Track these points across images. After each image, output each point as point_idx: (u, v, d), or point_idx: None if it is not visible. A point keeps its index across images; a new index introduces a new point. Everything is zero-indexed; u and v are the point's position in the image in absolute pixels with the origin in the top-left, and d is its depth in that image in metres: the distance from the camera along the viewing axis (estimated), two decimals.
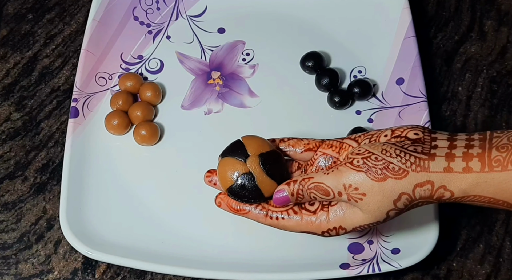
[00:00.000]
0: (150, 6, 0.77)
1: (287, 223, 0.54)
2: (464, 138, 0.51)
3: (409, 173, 0.49)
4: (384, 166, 0.50)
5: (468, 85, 0.75)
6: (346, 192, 0.51)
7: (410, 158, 0.50)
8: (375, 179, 0.50)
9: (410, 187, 0.49)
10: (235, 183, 0.54)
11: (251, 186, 0.54)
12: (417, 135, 0.51)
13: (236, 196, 0.55)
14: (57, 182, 0.68)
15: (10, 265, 0.64)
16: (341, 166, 0.51)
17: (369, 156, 0.50)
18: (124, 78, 0.72)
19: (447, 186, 0.49)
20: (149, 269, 0.61)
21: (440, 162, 0.49)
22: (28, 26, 0.78)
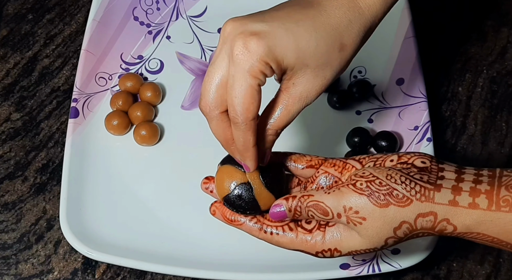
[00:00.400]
0: (150, 6, 0.77)
1: (281, 239, 0.53)
2: (472, 173, 0.49)
3: (413, 201, 0.47)
4: (388, 192, 0.48)
5: (468, 86, 0.75)
6: (346, 214, 0.49)
7: (415, 186, 0.48)
8: (377, 204, 0.48)
9: (412, 216, 0.48)
10: (232, 192, 0.52)
11: (248, 196, 0.52)
12: (424, 164, 0.50)
13: (232, 206, 0.53)
14: (57, 182, 0.68)
15: (10, 265, 0.64)
16: (343, 187, 0.50)
17: (373, 180, 0.49)
18: (124, 78, 0.72)
19: (450, 219, 0.48)
20: (149, 269, 0.61)
21: (446, 194, 0.48)
22: (28, 26, 0.78)
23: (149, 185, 0.67)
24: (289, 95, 0.51)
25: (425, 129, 0.68)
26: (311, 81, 0.50)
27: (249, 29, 0.48)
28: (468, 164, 0.69)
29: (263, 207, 0.53)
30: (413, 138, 0.68)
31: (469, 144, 0.71)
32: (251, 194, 0.52)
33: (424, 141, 0.67)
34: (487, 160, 0.70)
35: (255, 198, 0.52)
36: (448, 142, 0.71)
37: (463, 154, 0.71)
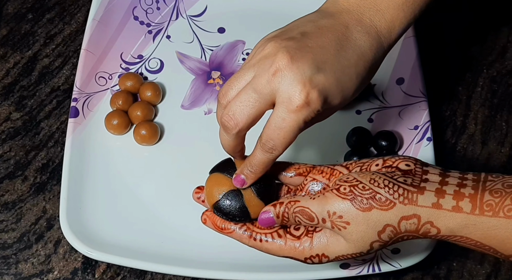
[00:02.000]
0: (150, 5, 0.77)
1: (270, 246, 0.53)
2: (457, 176, 0.49)
3: (396, 204, 0.48)
4: (371, 196, 0.48)
5: (468, 85, 0.75)
6: (330, 219, 0.49)
7: (398, 189, 0.48)
8: (360, 209, 0.48)
9: (396, 219, 0.48)
10: (221, 199, 0.52)
11: (238, 204, 0.52)
12: (408, 167, 0.50)
13: (222, 213, 0.53)
14: (57, 182, 0.68)
15: (10, 265, 0.64)
16: (328, 192, 0.50)
17: (357, 184, 0.49)
18: (124, 78, 0.72)
19: (434, 222, 0.48)
20: (149, 269, 0.61)
21: (429, 196, 0.48)
22: (28, 26, 0.78)
23: (149, 185, 0.67)
24: None
25: (425, 129, 0.68)
26: (324, 115, 0.54)
27: (309, 80, 0.49)
28: (468, 164, 0.70)
29: (253, 214, 0.53)
30: (413, 138, 0.68)
31: (469, 144, 0.71)
32: (241, 201, 0.52)
33: (424, 140, 0.67)
34: (487, 159, 0.70)
35: (245, 204, 0.52)
36: (448, 142, 0.71)
37: (463, 154, 0.71)
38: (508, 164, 0.70)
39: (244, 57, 0.75)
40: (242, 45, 0.76)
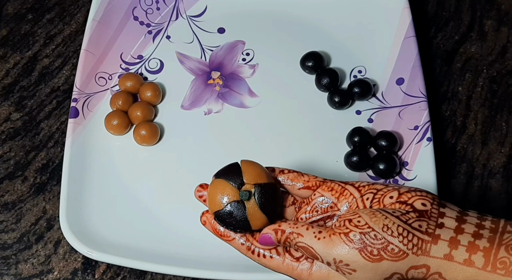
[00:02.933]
0: (150, 6, 0.77)
1: (267, 261, 0.51)
2: (474, 223, 0.47)
3: (409, 256, 0.46)
4: (383, 247, 0.46)
5: (468, 85, 0.75)
6: (336, 265, 0.47)
7: (413, 239, 0.46)
8: (369, 260, 0.46)
9: (405, 268, 0.46)
10: (223, 208, 0.50)
11: (240, 215, 0.50)
12: (424, 207, 0.47)
13: (222, 222, 0.51)
14: (57, 182, 0.68)
15: (10, 265, 0.64)
16: (335, 235, 0.47)
17: (368, 232, 0.46)
18: (124, 78, 0.72)
19: (443, 273, 0.46)
20: (149, 269, 0.61)
21: (443, 247, 0.46)
22: (28, 26, 0.78)
23: (149, 185, 0.67)
24: None
25: (425, 129, 0.68)
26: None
27: None
28: (468, 164, 0.70)
29: (254, 227, 0.51)
30: (413, 138, 0.68)
31: (469, 144, 0.71)
32: (243, 213, 0.50)
33: (424, 140, 0.67)
34: (487, 159, 0.70)
35: (247, 217, 0.51)
36: (448, 142, 0.71)
37: (463, 154, 0.71)
38: (508, 164, 0.70)
39: (244, 57, 0.75)
40: (242, 45, 0.76)
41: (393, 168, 0.66)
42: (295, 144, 0.69)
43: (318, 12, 0.77)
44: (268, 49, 0.75)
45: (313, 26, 0.77)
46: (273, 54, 0.75)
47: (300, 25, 0.77)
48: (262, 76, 0.74)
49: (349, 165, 0.67)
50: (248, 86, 0.73)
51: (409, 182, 0.66)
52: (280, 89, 0.73)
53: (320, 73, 0.72)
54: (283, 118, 0.71)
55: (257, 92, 0.73)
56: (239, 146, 0.69)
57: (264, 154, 0.69)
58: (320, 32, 0.76)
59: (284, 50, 0.75)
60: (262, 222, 0.51)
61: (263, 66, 0.74)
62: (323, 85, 0.72)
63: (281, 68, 0.74)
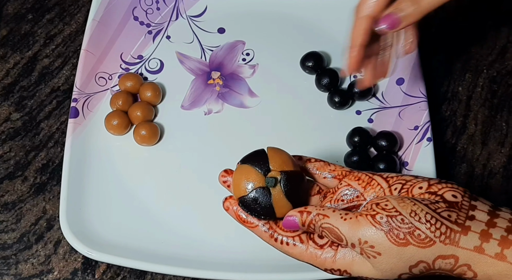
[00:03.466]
0: (150, 6, 0.77)
1: (290, 249, 0.50)
2: (507, 218, 0.45)
3: (436, 243, 0.44)
4: (409, 231, 0.45)
5: (468, 85, 0.75)
6: (360, 246, 0.46)
7: (441, 227, 0.45)
8: (395, 243, 0.45)
9: (432, 257, 0.45)
10: (248, 194, 0.50)
11: (265, 202, 0.50)
12: (455, 198, 0.46)
13: (246, 208, 0.50)
14: (57, 182, 0.68)
15: (10, 265, 0.64)
16: (361, 217, 0.46)
17: (395, 216, 0.45)
18: (124, 78, 0.72)
19: (472, 266, 0.45)
20: (149, 269, 0.61)
21: (473, 238, 0.44)
22: (28, 26, 0.78)
23: (149, 185, 0.67)
24: None
25: (425, 129, 0.68)
26: None
27: None
28: (468, 164, 0.70)
29: (279, 214, 0.50)
30: (413, 138, 0.68)
31: (469, 144, 0.71)
32: (268, 200, 0.50)
33: (424, 140, 0.67)
34: (487, 159, 0.70)
35: (272, 204, 0.50)
36: (448, 142, 0.71)
37: (463, 154, 0.71)
38: (508, 164, 0.70)
39: (244, 58, 0.75)
40: (242, 45, 0.76)
41: (393, 168, 0.66)
42: (295, 144, 0.69)
43: (318, 12, 0.77)
44: (268, 49, 0.75)
45: (313, 26, 0.77)
46: (273, 54, 0.75)
47: (300, 25, 0.77)
48: (262, 76, 0.74)
49: (349, 165, 0.67)
50: (248, 86, 0.73)
51: None
52: (280, 89, 0.73)
53: (320, 73, 0.72)
54: (283, 119, 0.71)
55: (257, 92, 0.73)
56: (239, 146, 0.69)
57: None
58: (320, 32, 0.76)
59: (284, 50, 0.75)
60: (287, 209, 0.50)
61: (263, 66, 0.74)
62: (323, 85, 0.72)
63: (281, 68, 0.74)
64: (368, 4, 0.55)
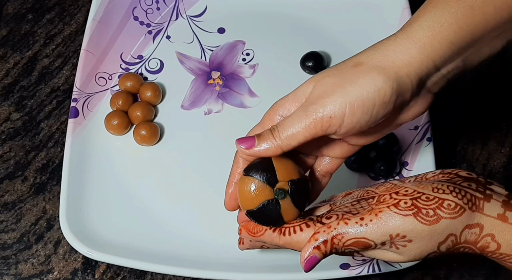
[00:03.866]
0: (150, 6, 0.77)
1: (298, 237, 0.48)
2: None
3: (466, 211, 0.44)
4: (438, 205, 0.43)
5: (468, 85, 0.75)
6: (391, 241, 0.44)
7: (466, 194, 0.44)
8: (426, 223, 0.43)
9: (460, 228, 0.44)
10: (258, 207, 0.49)
11: (275, 213, 0.49)
12: (470, 175, 0.46)
13: (255, 219, 0.50)
14: (57, 182, 0.68)
15: (10, 265, 0.64)
16: (382, 212, 0.44)
17: (419, 196, 0.44)
18: (124, 78, 0.72)
19: (496, 236, 0.44)
20: (149, 269, 0.61)
21: (496, 206, 0.44)
22: (28, 26, 0.78)
23: (149, 185, 0.67)
24: None
25: (425, 129, 0.68)
26: None
27: None
28: (468, 164, 0.70)
29: (287, 221, 0.50)
30: (413, 138, 0.68)
31: (469, 144, 0.71)
32: (278, 211, 0.49)
33: (424, 140, 0.67)
34: (487, 159, 0.70)
35: (281, 214, 0.49)
36: (448, 142, 0.71)
37: (463, 154, 0.71)
38: (508, 164, 0.70)
39: (244, 58, 0.75)
40: (242, 45, 0.76)
41: (393, 168, 0.66)
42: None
43: (318, 12, 0.77)
44: (268, 49, 0.75)
45: (313, 26, 0.77)
46: (273, 54, 0.75)
47: (300, 25, 0.77)
48: (262, 76, 0.74)
49: (349, 165, 0.67)
50: (248, 86, 0.73)
51: None
52: (280, 89, 0.72)
53: None
54: None
55: (257, 92, 0.73)
56: None
57: None
58: (320, 32, 0.76)
59: (284, 50, 0.75)
60: (294, 215, 0.50)
61: (263, 66, 0.74)
62: None
63: (281, 68, 0.74)
64: None
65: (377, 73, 0.46)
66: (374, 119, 0.47)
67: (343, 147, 0.52)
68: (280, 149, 0.48)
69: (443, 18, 0.47)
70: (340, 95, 0.46)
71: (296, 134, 0.47)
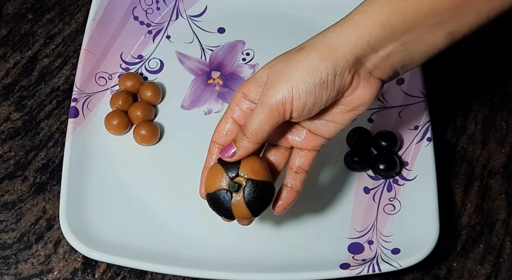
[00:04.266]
0: (150, 6, 0.77)
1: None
2: None
3: None
4: None
5: (468, 85, 0.75)
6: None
7: None
8: None
9: None
10: (213, 192, 0.53)
11: (225, 203, 0.53)
12: None
13: (209, 203, 0.54)
14: (57, 182, 0.68)
15: (10, 265, 0.64)
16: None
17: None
18: (124, 78, 0.72)
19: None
20: (149, 269, 0.61)
21: None
22: (28, 26, 0.78)
23: (149, 185, 0.67)
24: None
25: (425, 129, 0.68)
26: None
27: None
28: (468, 164, 0.70)
29: (237, 217, 0.54)
30: (413, 138, 0.68)
31: (469, 144, 0.71)
32: (228, 202, 0.53)
33: (424, 140, 0.67)
34: (487, 159, 0.70)
35: (231, 208, 0.53)
36: (448, 142, 0.71)
37: (463, 154, 0.71)
38: (508, 164, 0.70)
39: (244, 57, 0.75)
40: (242, 45, 0.76)
41: (393, 168, 0.66)
42: None
43: (318, 12, 0.77)
44: (268, 49, 0.75)
45: (313, 26, 0.76)
46: (273, 54, 0.74)
47: (300, 25, 0.77)
48: None
49: (349, 165, 0.67)
50: None
51: (409, 182, 0.66)
52: None
53: None
54: None
55: None
56: None
57: None
58: None
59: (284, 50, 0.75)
60: (245, 215, 0.53)
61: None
62: None
63: None
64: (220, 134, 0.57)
65: (314, 55, 0.51)
66: (320, 101, 0.51)
67: (313, 139, 0.56)
68: (256, 144, 0.53)
69: (377, 3, 0.50)
70: (286, 81, 0.51)
71: (262, 126, 0.52)
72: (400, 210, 0.65)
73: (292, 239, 0.64)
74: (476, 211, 0.67)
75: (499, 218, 0.67)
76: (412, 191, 0.65)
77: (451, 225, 0.66)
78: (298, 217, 0.65)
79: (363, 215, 0.65)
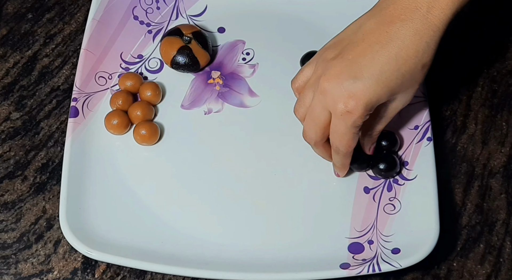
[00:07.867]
0: (150, 5, 0.77)
1: None
2: None
3: None
4: None
5: (468, 85, 0.75)
6: None
7: None
8: None
9: None
10: (176, 55, 0.70)
11: (189, 55, 0.70)
12: None
13: (178, 66, 0.71)
14: (57, 182, 0.68)
15: (9, 265, 0.64)
16: None
17: None
18: (124, 77, 0.72)
19: None
20: (149, 269, 0.61)
21: None
22: (27, 25, 0.78)
23: (149, 185, 0.67)
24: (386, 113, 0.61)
25: (425, 129, 0.68)
26: (401, 101, 0.60)
27: (347, 91, 0.56)
28: (468, 164, 0.70)
29: (202, 64, 0.72)
30: (413, 137, 0.68)
31: (469, 143, 0.71)
32: (191, 53, 0.70)
33: (424, 140, 0.67)
34: (487, 159, 0.70)
35: (195, 55, 0.70)
36: (448, 141, 0.71)
37: (463, 154, 0.71)
38: (508, 164, 0.70)
39: (244, 57, 0.75)
40: (242, 45, 0.76)
41: (393, 167, 0.66)
42: (295, 144, 0.69)
43: (319, 12, 0.77)
44: (268, 49, 0.75)
45: (313, 25, 0.77)
46: (273, 54, 0.75)
47: (300, 24, 0.77)
48: (262, 76, 0.74)
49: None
50: (248, 86, 0.73)
51: (409, 181, 0.66)
52: (280, 89, 0.73)
53: None
54: (283, 118, 0.71)
55: (257, 92, 0.73)
56: (239, 145, 0.69)
57: (264, 153, 0.69)
58: (320, 32, 0.76)
59: (284, 50, 0.75)
60: (206, 58, 0.72)
61: (263, 66, 0.74)
62: None
63: (281, 68, 0.74)
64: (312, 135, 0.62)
65: None
66: None
67: None
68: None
69: None
70: None
71: None
72: (400, 210, 0.65)
73: (292, 239, 0.64)
74: (476, 210, 0.67)
75: (499, 217, 0.67)
76: (412, 191, 0.65)
77: (451, 225, 0.66)
78: (298, 216, 0.65)
79: (363, 214, 0.65)
